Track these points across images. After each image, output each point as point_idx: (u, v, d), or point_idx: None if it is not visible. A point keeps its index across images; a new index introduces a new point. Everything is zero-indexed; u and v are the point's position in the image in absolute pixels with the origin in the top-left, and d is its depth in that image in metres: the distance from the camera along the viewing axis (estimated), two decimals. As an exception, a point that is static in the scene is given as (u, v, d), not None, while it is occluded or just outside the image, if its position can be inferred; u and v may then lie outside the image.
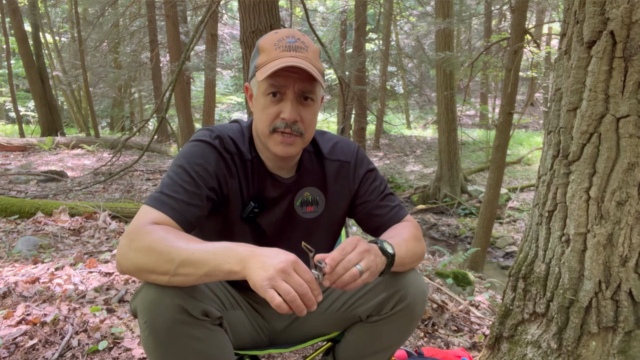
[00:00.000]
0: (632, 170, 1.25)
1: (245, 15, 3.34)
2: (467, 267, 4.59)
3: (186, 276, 0.92)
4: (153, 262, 0.93)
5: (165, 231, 0.97)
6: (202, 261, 0.90)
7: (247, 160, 1.19)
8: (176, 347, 0.97)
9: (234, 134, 1.19)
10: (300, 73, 1.08)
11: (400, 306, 1.16)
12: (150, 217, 1.01)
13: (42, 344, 1.81)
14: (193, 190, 1.07)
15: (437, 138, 10.11)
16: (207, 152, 1.13)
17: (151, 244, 0.94)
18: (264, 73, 1.07)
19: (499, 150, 5.21)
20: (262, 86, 1.11)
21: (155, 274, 0.93)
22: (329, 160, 1.27)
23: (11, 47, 13.93)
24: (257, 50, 1.15)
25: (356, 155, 1.30)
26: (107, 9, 10.25)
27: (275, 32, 1.14)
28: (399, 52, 15.26)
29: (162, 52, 13.13)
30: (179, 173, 1.09)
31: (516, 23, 5.05)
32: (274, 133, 1.11)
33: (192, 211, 1.06)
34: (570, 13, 1.36)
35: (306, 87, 1.10)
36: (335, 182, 1.28)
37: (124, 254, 0.97)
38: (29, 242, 3.12)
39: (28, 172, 6.66)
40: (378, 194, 1.28)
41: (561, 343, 1.34)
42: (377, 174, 1.32)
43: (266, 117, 1.11)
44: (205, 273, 0.91)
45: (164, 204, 1.03)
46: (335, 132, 1.79)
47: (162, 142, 12.37)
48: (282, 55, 1.08)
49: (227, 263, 0.89)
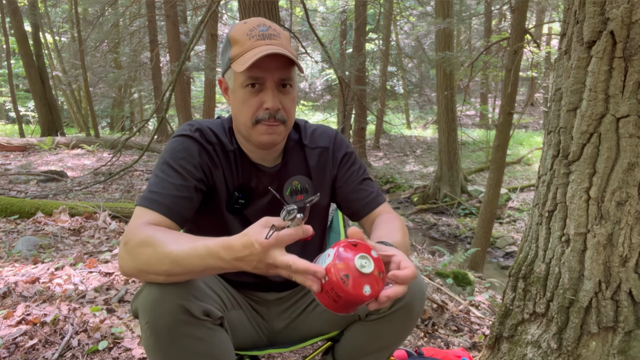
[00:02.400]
0: (632, 170, 1.25)
1: (245, 15, 3.35)
2: (467, 267, 4.59)
3: (180, 276, 0.93)
4: (146, 263, 0.93)
5: (154, 231, 0.97)
6: (188, 264, 0.90)
7: (229, 151, 1.20)
8: (177, 347, 0.97)
9: (215, 126, 1.20)
10: (277, 61, 1.07)
11: (399, 305, 1.16)
12: (143, 218, 1.02)
13: (42, 344, 1.81)
14: (181, 184, 1.08)
15: (437, 138, 10.11)
16: (188, 145, 1.13)
17: (141, 246, 0.94)
18: (244, 64, 1.05)
19: (499, 150, 5.21)
20: (240, 78, 1.10)
21: (152, 274, 0.94)
22: (310, 149, 1.29)
23: (11, 47, 13.94)
24: (227, 42, 1.13)
25: (334, 139, 1.31)
26: (107, 9, 10.24)
27: (244, 22, 1.13)
28: (399, 52, 15.27)
29: (162, 52, 13.13)
30: (164, 170, 1.10)
31: (516, 23, 5.05)
32: (257, 124, 1.12)
33: (182, 204, 1.07)
34: (570, 13, 1.36)
35: (285, 74, 1.11)
36: (317, 169, 1.28)
37: (121, 257, 0.98)
38: (29, 242, 3.12)
39: (28, 172, 6.66)
40: (356, 177, 1.29)
41: (561, 343, 1.34)
42: (355, 158, 1.33)
43: (247, 109, 1.11)
44: (198, 272, 0.92)
45: (153, 202, 1.04)
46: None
47: (162, 142, 12.37)
48: (257, 45, 1.08)
49: (213, 268, 0.90)
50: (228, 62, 1.12)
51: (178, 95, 9.21)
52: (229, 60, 1.12)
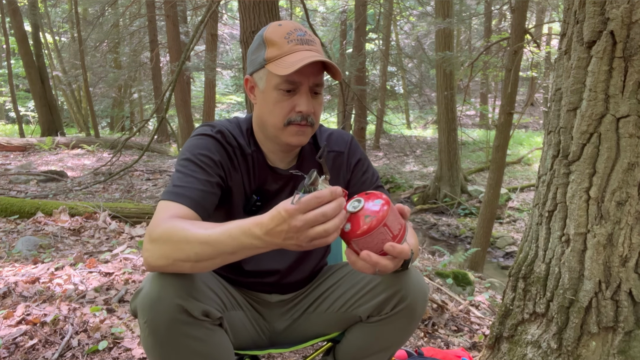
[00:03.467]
0: (632, 170, 1.25)
1: (245, 15, 3.35)
2: (467, 267, 4.59)
3: (209, 260, 0.90)
4: (174, 249, 0.91)
5: (180, 220, 0.96)
6: (220, 244, 0.88)
7: (247, 154, 1.20)
8: (176, 347, 0.97)
9: (233, 128, 1.21)
10: (314, 67, 1.09)
11: (400, 307, 1.16)
12: (168, 210, 1.01)
13: (42, 344, 1.80)
14: (204, 178, 1.09)
15: (437, 138, 10.11)
16: (210, 144, 1.14)
17: (168, 233, 0.92)
18: (286, 68, 1.06)
19: (499, 150, 5.21)
20: (275, 80, 1.10)
21: (180, 261, 0.91)
22: (325, 152, 1.29)
23: (11, 47, 13.94)
24: (262, 43, 1.13)
25: (350, 144, 1.32)
26: (107, 9, 10.25)
27: (279, 24, 1.14)
28: (399, 52, 15.26)
29: (162, 52, 13.13)
30: (186, 165, 1.10)
31: (516, 23, 5.05)
32: (288, 125, 1.13)
33: (207, 197, 1.07)
34: (570, 13, 1.36)
35: (319, 80, 1.13)
36: (332, 173, 1.29)
37: (146, 250, 0.95)
38: (29, 242, 3.13)
39: (28, 172, 6.66)
40: (369, 184, 1.31)
41: (561, 343, 1.34)
42: (368, 164, 1.34)
43: (279, 110, 1.12)
44: (229, 254, 0.88)
45: (178, 195, 1.04)
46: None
47: (162, 142, 12.37)
48: (297, 49, 1.09)
49: (246, 247, 0.87)
50: (262, 62, 1.12)
51: (178, 95, 9.21)
52: (263, 60, 1.12)
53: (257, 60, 1.14)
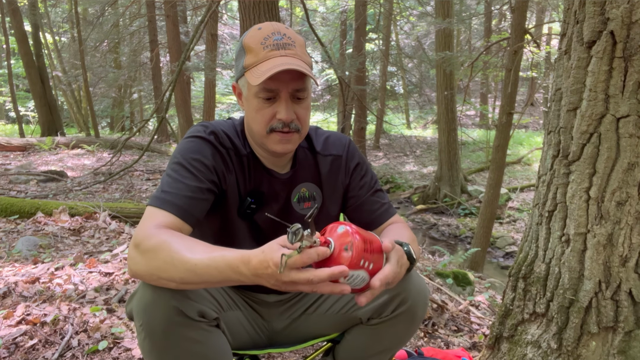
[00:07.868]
0: (632, 170, 1.25)
1: (245, 15, 3.35)
2: (467, 267, 4.59)
3: (194, 284, 0.92)
4: (160, 268, 0.91)
5: (169, 235, 0.95)
6: (205, 274, 0.88)
7: (242, 156, 1.18)
8: (173, 349, 0.97)
9: (228, 129, 1.19)
10: (292, 73, 1.05)
11: (401, 309, 1.16)
12: (155, 219, 1.00)
13: (42, 344, 1.80)
14: (195, 185, 1.06)
15: (437, 138, 10.11)
16: (202, 146, 1.12)
17: (156, 250, 0.92)
18: (258, 77, 1.03)
19: (499, 150, 5.21)
20: (254, 88, 1.08)
21: (165, 280, 0.92)
22: (323, 156, 1.27)
23: (11, 47, 13.93)
24: (241, 49, 1.11)
25: (348, 148, 1.30)
26: (107, 9, 10.23)
27: (259, 27, 1.11)
28: (399, 52, 15.26)
29: (162, 52, 13.13)
30: (177, 170, 1.08)
31: (516, 23, 5.04)
32: (271, 133, 1.11)
33: (195, 205, 1.05)
34: (570, 13, 1.36)
35: (299, 85, 1.09)
36: (329, 177, 1.27)
37: (132, 259, 0.96)
38: (29, 242, 3.12)
39: (28, 172, 6.66)
40: (368, 188, 1.28)
41: (561, 343, 1.34)
42: (367, 168, 1.31)
43: (261, 117, 1.10)
44: (214, 283, 0.90)
45: (166, 202, 1.02)
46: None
47: (162, 142, 12.37)
48: (271, 55, 1.06)
49: (232, 281, 0.89)
50: (242, 70, 1.11)
51: (178, 95, 9.20)
52: (242, 68, 1.10)
53: (239, 67, 1.13)
